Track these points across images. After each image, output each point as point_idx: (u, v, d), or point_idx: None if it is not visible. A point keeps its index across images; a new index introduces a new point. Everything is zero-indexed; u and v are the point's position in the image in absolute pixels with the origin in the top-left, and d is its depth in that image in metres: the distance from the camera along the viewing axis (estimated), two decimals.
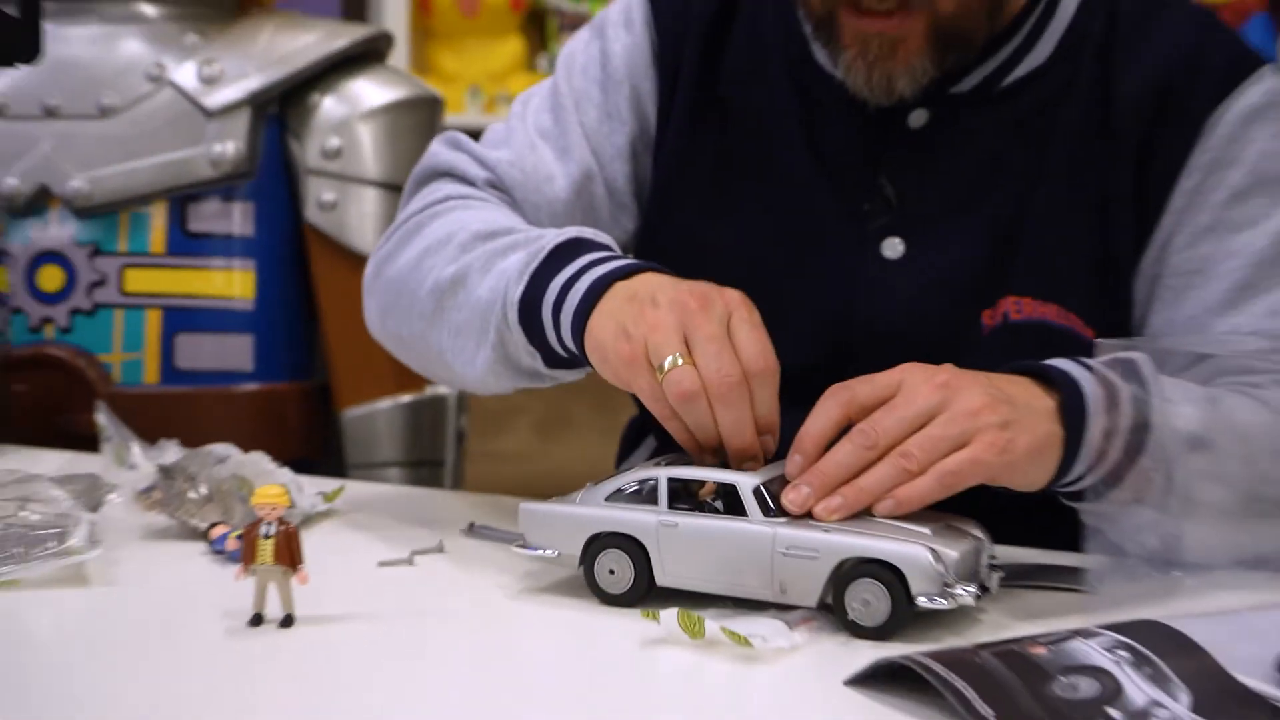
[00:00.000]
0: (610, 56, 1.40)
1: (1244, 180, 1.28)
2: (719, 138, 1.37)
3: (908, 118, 1.32)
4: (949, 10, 1.22)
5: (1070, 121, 1.30)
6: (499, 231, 1.25)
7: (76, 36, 1.74)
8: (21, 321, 1.69)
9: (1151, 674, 0.86)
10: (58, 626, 1.04)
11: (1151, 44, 1.31)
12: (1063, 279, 1.29)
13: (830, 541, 1.00)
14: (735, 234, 1.35)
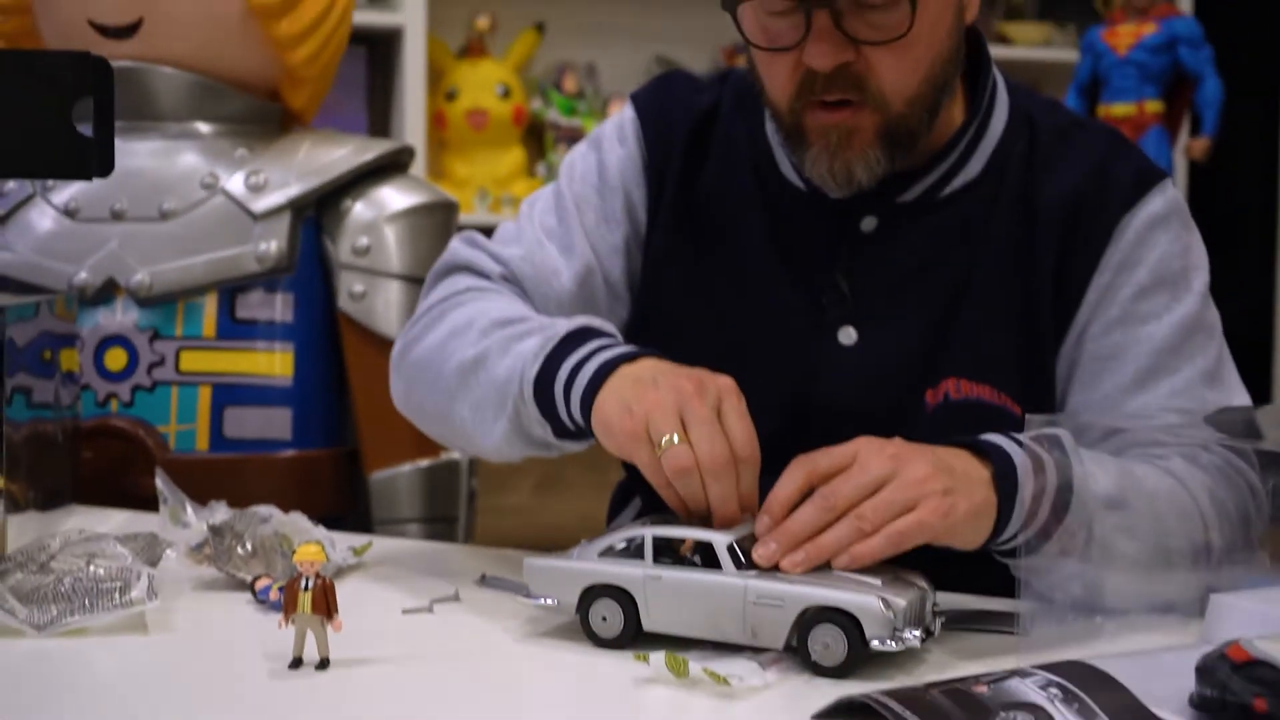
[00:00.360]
0: (606, 167, 1.40)
1: (1148, 278, 1.28)
2: (698, 238, 1.37)
3: (860, 223, 1.31)
4: (897, 109, 1.22)
5: (999, 227, 1.30)
6: (515, 319, 1.25)
7: (141, 150, 1.74)
8: (90, 397, 1.68)
9: (1079, 709, 0.85)
10: (121, 670, 1.03)
11: (1067, 161, 1.31)
12: (994, 363, 1.29)
13: (794, 592, 1.00)
14: (712, 321, 1.35)
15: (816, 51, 1.18)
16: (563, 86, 3.60)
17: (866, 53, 1.19)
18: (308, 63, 1.82)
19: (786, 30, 1.19)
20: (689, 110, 1.39)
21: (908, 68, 1.21)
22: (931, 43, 1.22)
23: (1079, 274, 1.28)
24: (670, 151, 1.38)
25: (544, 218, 1.40)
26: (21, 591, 1.09)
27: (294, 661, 0.99)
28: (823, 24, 1.17)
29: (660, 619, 1.04)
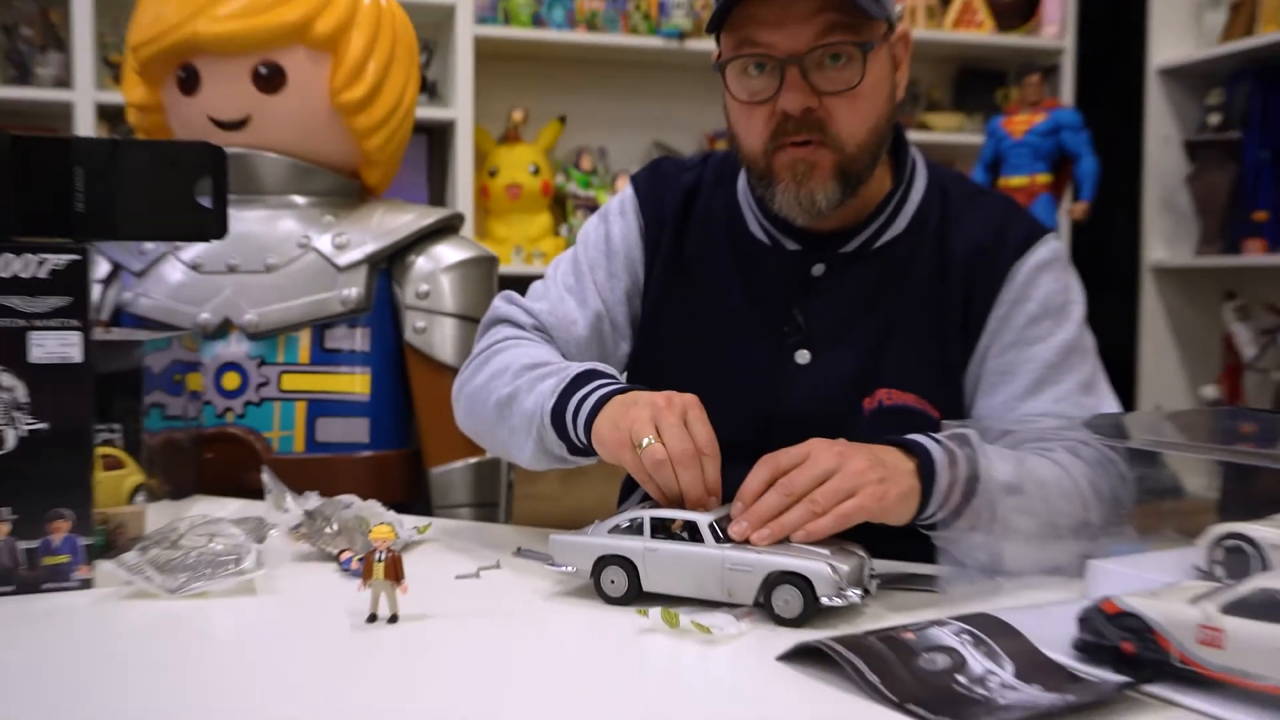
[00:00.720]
0: (612, 235, 1.41)
1: (1036, 310, 1.29)
2: (685, 285, 1.38)
3: (812, 269, 1.32)
4: (849, 150, 1.23)
5: (920, 272, 1.31)
6: (540, 364, 1.27)
7: (250, 217, 1.75)
8: (210, 411, 1.68)
9: (986, 651, 0.85)
10: (235, 624, 1.03)
11: (972, 222, 1.32)
12: (917, 377, 1.29)
13: (761, 560, 1.01)
14: (697, 349, 1.35)
15: (789, 98, 1.20)
16: (580, 165, 3.60)
17: (827, 102, 1.21)
18: (380, 149, 1.83)
19: (763, 85, 1.22)
20: (677, 187, 1.40)
21: (858, 117, 1.23)
22: (874, 100, 1.24)
23: (981, 307, 1.29)
24: (663, 220, 1.39)
25: (565, 278, 1.42)
26: (158, 563, 1.10)
27: (370, 617, 0.99)
28: (794, 77, 1.19)
29: (656, 582, 1.04)
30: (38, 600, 1.07)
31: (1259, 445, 1.03)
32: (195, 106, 1.75)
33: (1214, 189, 3.41)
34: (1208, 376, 3.53)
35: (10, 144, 1.09)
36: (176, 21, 1.70)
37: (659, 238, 1.39)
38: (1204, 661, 0.78)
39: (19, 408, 1.08)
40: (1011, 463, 1.13)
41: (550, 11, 3.43)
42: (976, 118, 3.82)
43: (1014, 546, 1.10)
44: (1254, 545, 0.91)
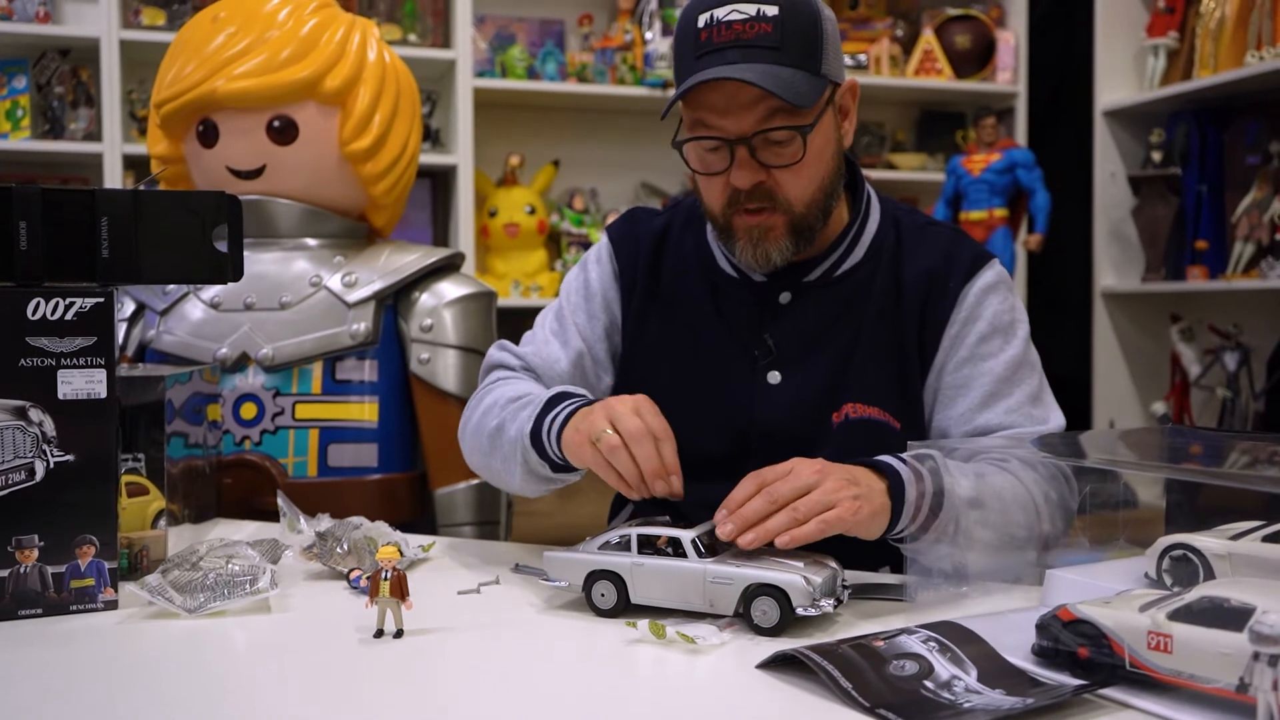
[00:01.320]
0: (590, 280, 1.43)
1: (986, 329, 1.30)
2: (661, 320, 1.39)
3: (779, 297, 1.34)
4: (799, 211, 1.25)
5: (877, 297, 1.32)
6: (520, 397, 1.31)
7: (265, 258, 1.75)
8: (229, 439, 1.68)
9: (952, 657, 0.85)
10: (251, 640, 1.03)
11: (923, 250, 1.33)
12: (879, 392, 1.30)
13: (740, 573, 1.00)
14: (675, 376, 1.35)
15: (739, 175, 1.23)
16: (573, 205, 3.60)
17: (774, 173, 1.23)
18: (386, 193, 1.83)
19: (716, 161, 1.24)
20: (649, 231, 1.42)
21: (804, 183, 1.25)
22: (819, 165, 1.25)
23: (935, 327, 1.30)
24: (636, 261, 1.40)
25: (550, 324, 1.45)
26: (178, 584, 1.09)
27: (377, 632, 0.99)
28: (742, 156, 1.22)
29: (643, 594, 1.04)
30: (66, 622, 1.06)
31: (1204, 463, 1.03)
32: (214, 157, 1.75)
33: (1158, 220, 3.42)
34: (1157, 394, 3.53)
35: (40, 197, 1.09)
36: (197, 80, 1.70)
37: (634, 277, 1.40)
38: (1155, 665, 0.78)
39: (48, 441, 1.08)
40: (972, 478, 1.13)
41: (544, 65, 3.44)
42: (938, 157, 3.83)
43: (976, 557, 1.10)
44: (1199, 555, 0.91)
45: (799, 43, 1.20)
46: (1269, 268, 3.05)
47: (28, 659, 0.96)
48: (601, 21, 3.64)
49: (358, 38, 1.78)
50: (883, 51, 3.66)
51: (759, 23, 1.18)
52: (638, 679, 0.92)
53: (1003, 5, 3.83)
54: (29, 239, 1.08)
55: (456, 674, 0.92)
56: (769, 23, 1.18)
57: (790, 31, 1.19)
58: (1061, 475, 1.21)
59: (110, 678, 0.92)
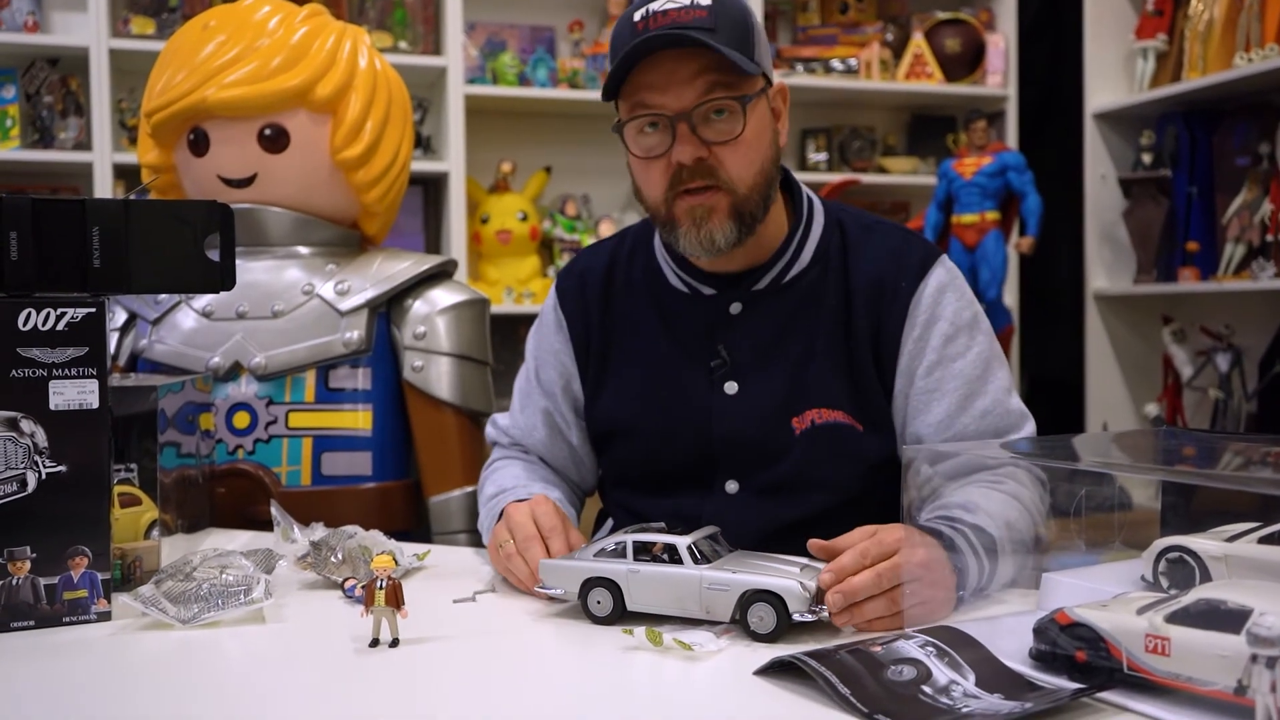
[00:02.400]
0: (542, 340, 1.49)
1: (949, 329, 1.30)
2: (620, 345, 1.41)
3: (729, 308, 1.35)
4: (741, 192, 1.26)
5: (827, 301, 1.32)
6: (499, 493, 1.37)
7: (257, 267, 1.74)
8: (222, 448, 1.67)
9: (949, 662, 0.85)
10: (245, 651, 1.02)
11: (870, 250, 1.34)
12: (839, 396, 1.30)
13: (736, 579, 1.00)
14: (637, 400, 1.38)
15: (681, 150, 1.23)
16: (565, 211, 3.60)
17: (715, 150, 1.24)
18: (378, 201, 1.82)
19: (657, 143, 1.25)
20: (595, 270, 1.45)
21: (745, 161, 1.25)
22: (759, 146, 1.27)
23: (892, 331, 1.30)
24: (587, 308, 1.44)
25: (523, 385, 1.52)
26: (172, 594, 1.08)
27: (373, 641, 0.98)
28: (684, 131, 1.23)
29: (640, 601, 1.03)
30: (58, 634, 1.06)
31: (1198, 465, 1.03)
32: (205, 166, 1.75)
33: (1148, 222, 3.43)
34: (1150, 395, 3.54)
35: (31, 207, 1.09)
36: (187, 89, 1.70)
37: (586, 323, 1.44)
38: (1152, 668, 0.78)
39: (40, 452, 1.07)
40: (995, 527, 1.11)
41: (534, 71, 3.44)
42: (929, 161, 3.84)
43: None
44: (1195, 557, 0.91)
45: (733, 30, 1.22)
46: (1260, 269, 3.06)
47: (20, 672, 0.96)
48: (592, 28, 3.64)
49: (348, 45, 1.77)
50: (873, 56, 3.67)
51: (694, 9, 1.21)
52: (635, 686, 0.91)
53: (992, 9, 3.84)
54: (20, 249, 1.08)
55: (453, 683, 0.92)
56: (703, 9, 1.21)
57: (724, 19, 1.22)
58: (1040, 481, 1.22)
59: (104, 690, 0.92)
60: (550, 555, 1.15)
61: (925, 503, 1.14)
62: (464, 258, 3.31)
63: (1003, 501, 1.17)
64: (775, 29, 3.77)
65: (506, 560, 1.19)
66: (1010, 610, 1.02)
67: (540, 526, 1.19)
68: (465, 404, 1.76)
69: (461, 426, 1.77)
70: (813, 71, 3.66)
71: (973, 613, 1.03)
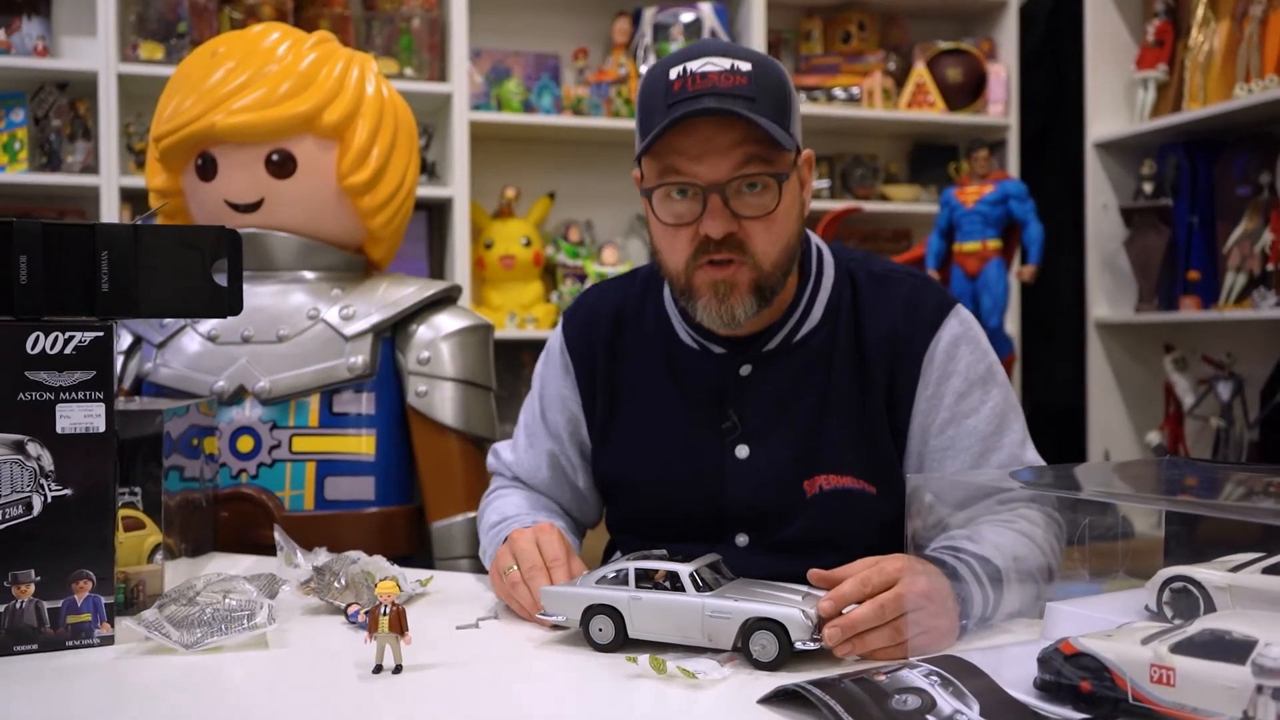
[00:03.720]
0: (548, 383, 1.46)
1: (962, 385, 1.28)
2: (628, 399, 1.39)
3: (739, 370, 1.32)
4: (766, 268, 1.23)
5: (840, 359, 1.30)
6: (498, 523, 1.36)
7: (263, 291, 1.75)
8: (225, 472, 1.67)
9: (954, 691, 0.84)
10: (249, 676, 1.02)
11: (882, 304, 1.31)
12: (851, 458, 1.28)
13: (739, 607, 1.00)
14: (646, 456, 1.36)
15: (712, 224, 1.20)
16: (569, 237, 3.61)
17: (746, 224, 1.21)
18: (384, 226, 1.83)
19: (687, 211, 1.22)
20: (605, 313, 1.42)
21: (774, 237, 1.23)
22: (788, 221, 1.24)
23: (906, 388, 1.28)
24: (594, 352, 1.41)
25: (528, 420, 1.49)
26: (175, 619, 1.08)
27: (376, 667, 0.98)
28: (715, 204, 1.20)
29: (642, 629, 1.03)
30: (61, 657, 1.06)
31: (1201, 495, 1.03)
32: (213, 191, 1.76)
33: (1150, 251, 3.44)
34: (1151, 423, 3.53)
35: (41, 231, 1.09)
36: (196, 114, 1.71)
37: (592, 368, 1.41)
38: (1157, 699, 0.77)
39: (46, 475, 1.07)
40: (999, 558, 1.11)
41: (539, 98, 3.46)
42: (931, 189, 3.85)
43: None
44: (1199, 587, 0.91)
45: (772, 98, 1.19)
46: (1261, 298, 3.06)
47: (23, 695, 0.95)
48: (596, 55, 3.67)
49: (356, 72, 1.79)
50: (875, 85, 3.69)
51: (734, 75, 1.18)
52: (640, 714, 0.91)
53: (994, 39, 3.86)
54: (29, 273, 1.08)
55: (456, 710, 0.92)
56: (744, 76, 1.18)
57: (763, 86, 1.19)
58: (1054, 520, 1.20)
59: (107, 714, 0.92)
60: (554, 580, 1.15)
61: (933, 537, 1.13)
62: (468, 283, 3.32)
63: (1013, 538, 1.16)
64: (779, 57, 3.79)
65: (510, 588, 1.18)
66: (1015, 639, 1.02)
67: (544, 555, 1.19)
68: (469, 429, 1.76)
69: (465, 452, 1.77)
70: (815, 100, 3.68)
71: (977, 642, 1.03)
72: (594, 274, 3.53)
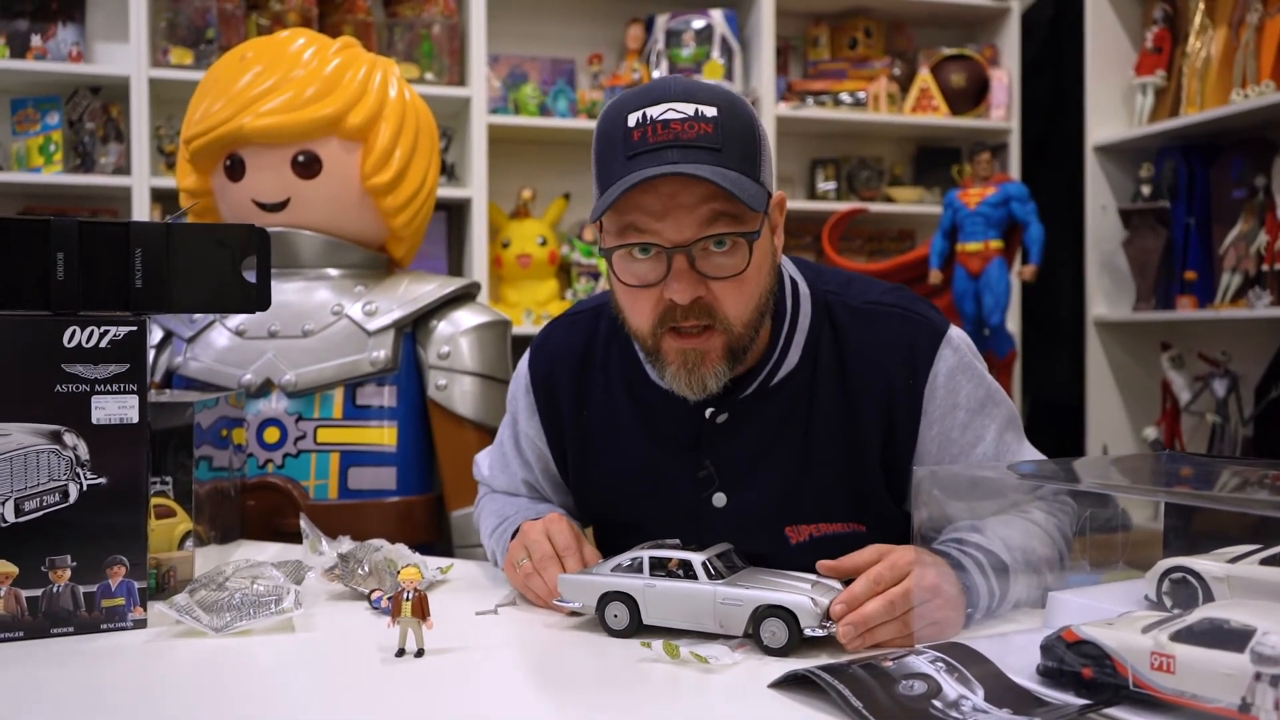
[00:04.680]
0: (519, 415, 1.35)
1: (966, 417, 1.19)
2: (599, 444, 1.28)
3: (715, 418, 1.21)
4: (738, 330, 1.12)
5: (822, 403, 1.19)
6: (500, 522, 1.33)
7: (289, 288, 1.75)
8: (253, 462, 1.68)
9: (959, 677, 0.84)
10: (276, 659, 1.02)
11: (866, 343, 1.19)
12: (837, 506, 1.20)
13: (749, 594, 1.00)
14: (622, 495, 1.28)
15: (678, 288, 1.08)
16: (583, 237, 3.61)
17: (714, 286, 1.10)
18: (406, 225, 1.83)
19: (649, 272, 1.10)
20: (569, 353, 1.30)
21: (744, 300, 1.11)
22: (758, 280, 1.13)
23: (906, 433, 1.18)
24: (557, 394, 1.30)
25: (504, 438, 1.40)
26: (205, 604, 1.08)
27: (399, 651, 0.98)
28: (681, 265, 1.08)
29: (655, 615, 1.03)
30: (96, 640, 1.06)
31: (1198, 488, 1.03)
32: (241, 191, 1.76)
33: (1147, 252, 3.42)
34: (1148, 419, 3.52)
35: (77, 229, 1.10)
36: (225, 117, 1.71)
37: (558, 411, 1.30)
38: (1158, 686, 0.77)
39: (81, 464, 1.08)
40: (1005, 550, 1.08)
41: (555, 102, 3.46)
42: (935, 191, 3.84)
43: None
44: (1198, 578, 0.90)
45: (739, 146, 1.07)
46: (1256, 297, 3.05)
47: (60, 676, 0.96)
48: (611, 60, 3.66)
49: (379, 76, 1.79)
50: (881, 90, 3.68)
51: (698, 123, 1.05)
52: (654, 698, 0.91)
53: (996, 45, 3.85)
54: (66, 269, 1.09)
55: (477, 693, 0.92)
56: (709, 123, 1.06)
57: (730, 134, 1.07)
58: (1070, 508, 1.16)
59: (139, 695, 0.92)
60: (567, 565, 1.14)
61: (940, 529, 1.11)
62: (485, 281, 3.32)
63: (1023, 528, 1.12)
64: (787, 63, 3.78)
65: (525, 578, 1.17)
66: (1018, 628, 1.02)
67: (556, 545, 1.16)
68: (487, 421, 1.76)
69: (483, 443, 1.75)
70: (822, 104, 3.67)
71: (982, 630, 1.03)
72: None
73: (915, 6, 3.78)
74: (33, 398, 1.06)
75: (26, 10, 3.04)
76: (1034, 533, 1.13)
